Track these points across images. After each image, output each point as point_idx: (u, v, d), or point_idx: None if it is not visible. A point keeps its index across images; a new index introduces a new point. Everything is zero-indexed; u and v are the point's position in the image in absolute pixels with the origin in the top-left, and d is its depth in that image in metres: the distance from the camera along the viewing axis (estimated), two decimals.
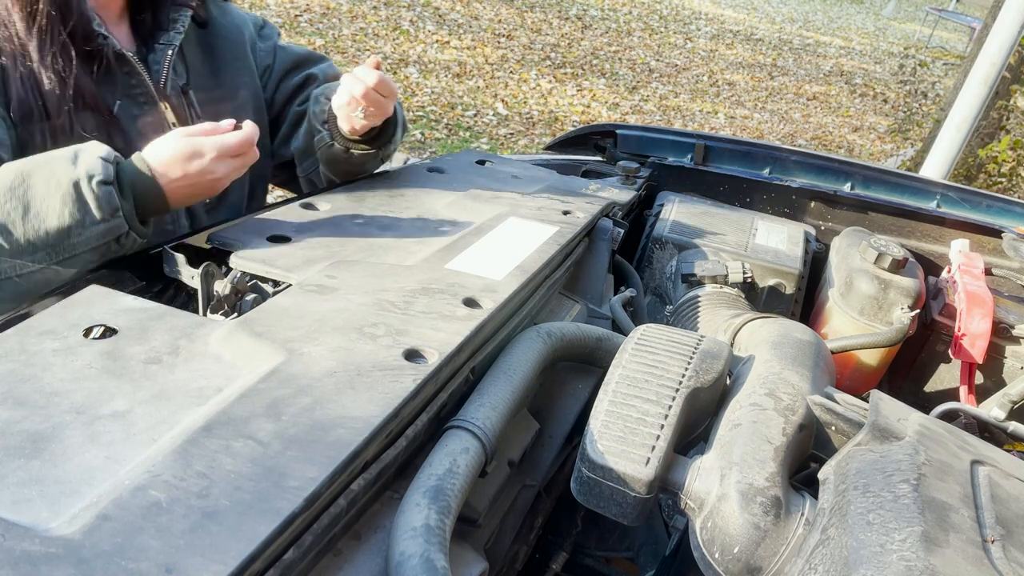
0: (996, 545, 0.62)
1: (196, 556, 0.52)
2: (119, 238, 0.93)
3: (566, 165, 1.82)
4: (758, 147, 1.87)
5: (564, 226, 1.22)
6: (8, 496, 0.56)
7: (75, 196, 0.88)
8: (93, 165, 0.90)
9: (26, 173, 0.89)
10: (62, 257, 0.90)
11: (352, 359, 0.77)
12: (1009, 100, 4.97)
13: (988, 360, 1.42)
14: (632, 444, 0.77)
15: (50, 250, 0.89)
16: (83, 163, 0.90)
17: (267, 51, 1.39)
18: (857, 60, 9.91)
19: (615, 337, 1.03)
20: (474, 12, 7.74)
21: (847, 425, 0.82)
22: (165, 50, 1.21)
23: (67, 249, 0.90)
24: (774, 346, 0.95)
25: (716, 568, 0.72)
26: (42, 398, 0.67)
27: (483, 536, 0.82)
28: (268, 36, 1.40)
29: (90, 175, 0.89)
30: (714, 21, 10.37)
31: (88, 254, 0.92)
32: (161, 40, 1.21)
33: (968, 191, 1.77)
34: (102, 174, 0.90)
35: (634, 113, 6.16)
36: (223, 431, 0.64)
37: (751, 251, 1.51)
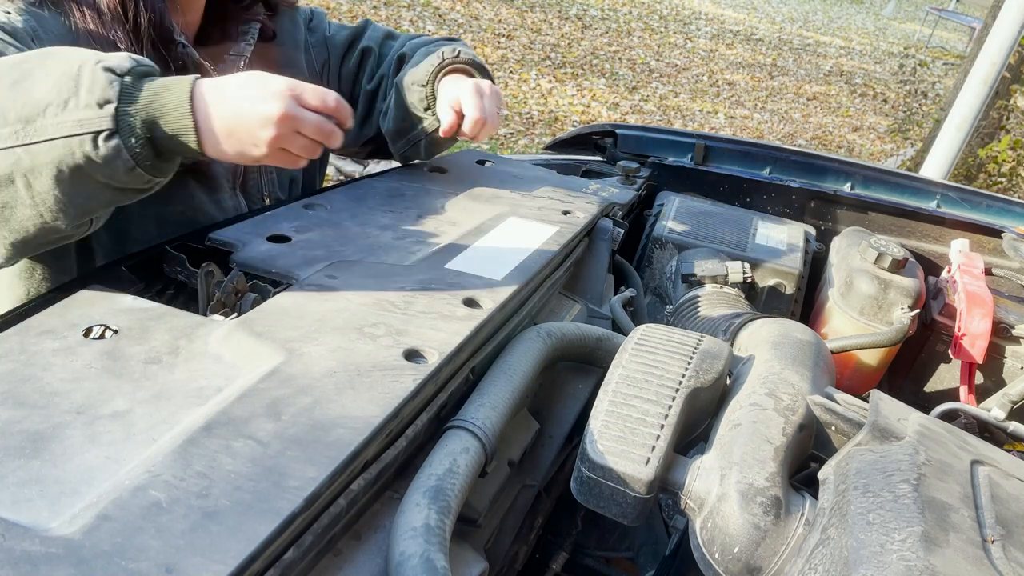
0: (996, 545, 0.62)
1: (196, 556, 0.52)
2: (96, 139, 0.74)
3: (566, 165, 1.82)
4: (758, 147, 1.87)
5: (564, 226, 1.22)
6: (8, 496, 0.56)
7: (74, 74, 0.74)
8: (115, 56, 0.76)
9: (49, 53, 0.78)
10: (29, 140, 0.73)
11: (352, 359, 0.77)
12: (1009, 100, 4.97)
13: (988, 360, 1.42)
14: (632, 444, 0.77)
15: (20, 125, 0.73)
16: (109, 55, 0.77)
17: (319, 45, 1.35)
18: (857, 60, 9.91)
19: (615, 337, 1.03)
20: (474, 12, 7.74)
21: (847, 425, 0.82)
22: (236, 61, 1.17)
23: (36, 131, 0.73)
24: (774, 346, 0.95)
25: (716, 568, 0.73)
26: (42, 398, 0.67)
27: (483, 536, 0.82)
28: (316, 28, 1.36)
29: (100, 59, 0.75)
30: (714, 21, 10.37)
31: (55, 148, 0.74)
32: (231, 52, 1.18)
33: (968, 191, 1.77)
34: (115, 63, 0.75)
35: (634, 113, 6.16)
36: (223, 431, 0.64)
37: (751, 251, 1.51)
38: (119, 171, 0.76)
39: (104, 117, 0.73)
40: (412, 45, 1.34)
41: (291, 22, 1.30)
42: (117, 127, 0.74)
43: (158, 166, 0.80)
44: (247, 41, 1.19)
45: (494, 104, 1.13)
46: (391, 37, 1.40)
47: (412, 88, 1.23)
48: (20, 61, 0.76)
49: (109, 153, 0.74)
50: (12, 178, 0.74)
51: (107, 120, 0.73)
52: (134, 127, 0.76)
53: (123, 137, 0.75)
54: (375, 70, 1.36)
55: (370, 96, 1.36)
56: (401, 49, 1.34)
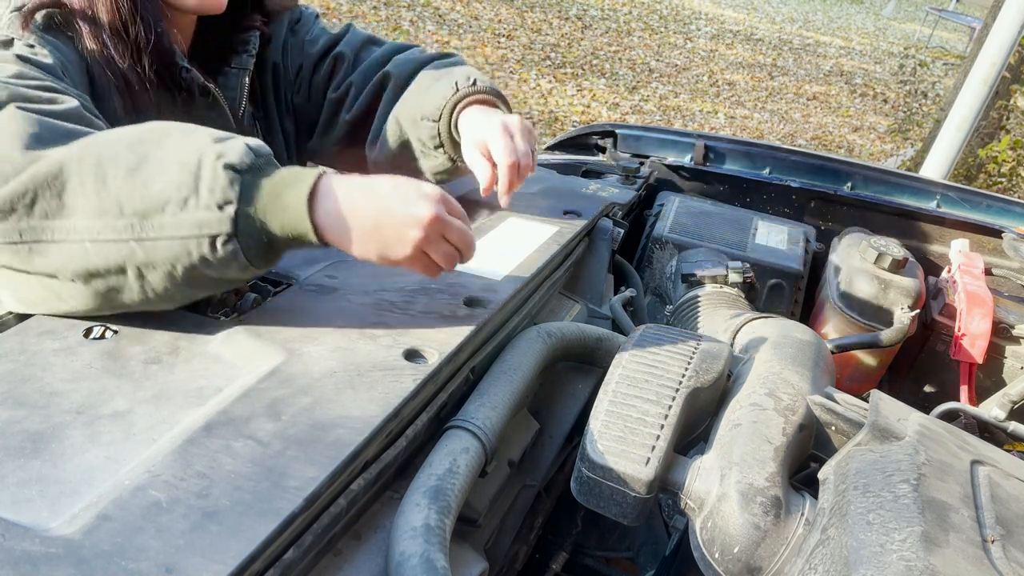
0: (996, 545, 0.62)
1: (196, 556, 0.52)
2: (215, 242, 0.71)
3: (566, 165, 1.82)
4: (758, 147, 1.87)
5: (564, 226, 1.22)
6: (8, 496, 0.56)
7: (194, 170, 0.71)
8: (233, 148, 0.73)
9: (165, 132, 0.74)
10: (146, 235, 0.70)
11: (352, 359, 0.77)
12: (1009, 100, 4.97)
13: (988, 360, 1.42)
14: (632, 444, 0.77)
15: (137, 219, 0.70)
16: (227, 143, 0.74)
17: (297, 49, 1.24)
18: (857, 60, 9.91)
19: (615, 337, 1.03)
20: (474, 12, 7.74)
21: (847, 425, 0.82)
22: (239, 76, 1.12)
23: (154, 227, 0.70)
24: (774, 346, 0.95)
25: (716, 568, 0.72)
26: (42, 398, 0.67)
27: (483, 536, 0.82)
28: (299, 31, 1.25)
29: (220, 155, 0.71)
30: (714, 21, 10.37)
31: (172, 247, 0.71)
32: (233, 64, 1.12)
33: (968, 191, 1.77)
34: (235, 158, 0.72)
35: (634, 113, 6.16)
36: (223, 431, 0.64)
37: (751, 251, 1.51)
38: (233, 269, 0.74)
39: (224, 220, 0.71)
40: (401, 64, 1.20)
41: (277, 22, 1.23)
42: (236, 230, 0.71)
43: (271, 260, 0.78)
44: (249, 52, 1.13)
45: (527, 143, 0.99)
46: (373, 43, 1.27)
47: (420, 124, 1.09)
48: (134, 141, 0.73)
49: (226, 255, 0.72)
50: (124, 269, 0.72)
51: (226, 223, 0.71)
52: (252, 229, 0.73)
53: (241, 240, 0.72)
54: (344, 77, 1.23)
55: (334, 104, 1.23)
56: (385, 66, 1.21)
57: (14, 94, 0.74)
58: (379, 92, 1.19)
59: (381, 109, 1.18)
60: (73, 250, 0.71)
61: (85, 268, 0.72)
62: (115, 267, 0.72)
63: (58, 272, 0.73)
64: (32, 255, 0.72)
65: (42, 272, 0.73)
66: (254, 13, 1.15)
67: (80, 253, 0.71)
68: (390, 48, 1.24)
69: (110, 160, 0.71)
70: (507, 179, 0.94)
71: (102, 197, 0.70)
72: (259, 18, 1.16)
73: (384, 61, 1.22)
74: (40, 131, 0.72)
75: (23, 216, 0.70)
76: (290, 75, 1.24)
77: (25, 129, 0.71)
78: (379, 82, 1.19)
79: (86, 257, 0.71)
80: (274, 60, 1.21)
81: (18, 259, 0.72)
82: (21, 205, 0.70)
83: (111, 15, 0.93)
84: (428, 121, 1.07)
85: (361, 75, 1.21)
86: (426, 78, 1.14)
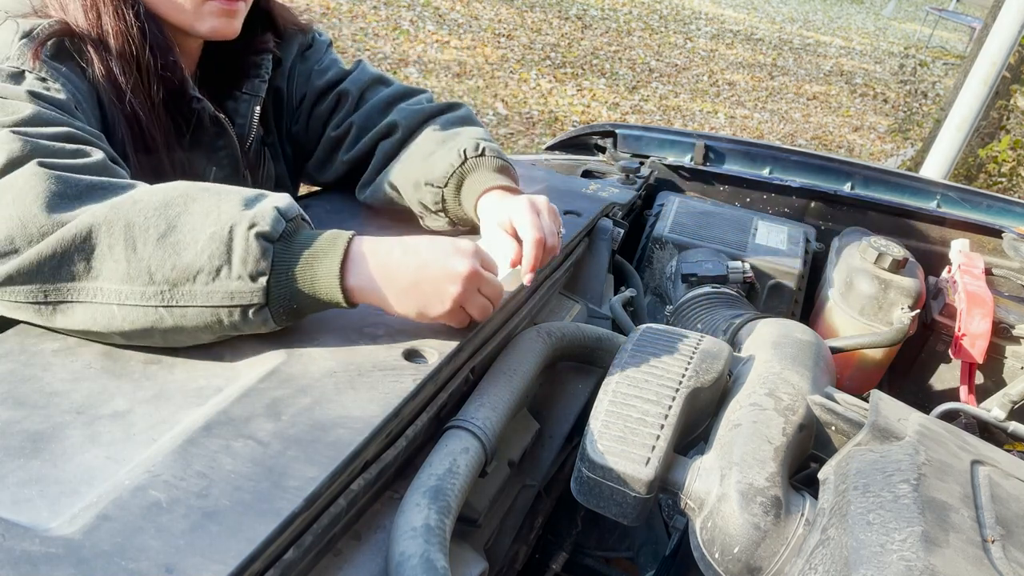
0: (996, 545, 0.62)
1: (196, 556, 0.52)
2: (247, 311, 0.72)
3: (566, 165, 1.82)
4: (758, 147, 1.87)
5: (564, 226, 1.22)
6: (8, 496, 0.56)
7: (226, 238, 0.71)
8: (264, 214, 0.73)
9: (192, 196, 0.74)
10: (175, 303, 0.71)
11: (352, 359, 0.77)
12: (1009, 100, 4.96)
13: (988, 360, 1.42)
14: (632, 444, 0.77)
15: (167, 287, 0.71)
16: (256, 208, 0.74)
17: (304, 76, 1.19)
18: (857, 60, 9.91)
19: (615, 337, 1.03)
20: (474, 12, 7.74)
21: (847, 425, 0.82)
22: (250, 102, 1.08)
23: (184, 295, 0.71)
24: (774, 346, 0.95)
25: (716, 568, 0.73)
26: (42, 398, 0.67)
27: (483, 536, 0.82)
28: (309, 58, 1.20)
29: (253, 223, 0.72)
30: (714, 21, 10.37)
31: (202, 315, 0.72)
32: (245, 89, 1.08)
33: (968, 191, 1.77)
34: (268, 226, 0.72)
35: (634, 113, 6.16)
36: (223, 431, 0.64)
37: (751, 251, 1.51)
38: (260, 329, 0.76)
39: (256, 291, 0.72)
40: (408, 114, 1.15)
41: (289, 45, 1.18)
42: (268, 300, 0.73)
43: (298, 319, 0.80)
44: (261, 77, 1.09)
45: (553, 223, 0.96)
46: (380, 83, 1.21)
47: (423, 188, 1.05)
48: (162, 204, 0.72)
49: (256, 321, 0.74)
50: (151, 333, 0.73)
51: (259, 294, 0.72)
52: (283, 298, 0.74)
53: (272, 308, 0.74)
54: (347, 116, 1.19)
55: (333, 142, 1.20)
56: (390, 112, 1.16)
57: (36, 148, 0.72)
58: (381, 139, 1.15)
59: (380, 157, 1.15)
60: (99, 311, 0.72)
61: (109, 329, 0.73)
62: (141, 330, 0.73)
63: (81, 330, 0.74)
64: (55, 314, 0.72)
65: (62, 329, 0.74)
66: (266, 34, 1.11)
67: (106, 315, 0.72)
68: (396, 92, 1.20)
69: (139, 226, 0.71)
70: (533, 254, 0.91)
71: (132, 263, 0.70)
72: (271, 39, 1.11)
73: (389, 105, 1.18)
74: (65, 189, 0.71)
75: (49, 277, 0.70)
76: (293, 102, 1.20)
77: (49, 188, 0.70)
78: (384, 130, 1.15)
79: (112, 320, 0.72)
80: (278, 84, 1.17)
81: (40, 318, 0.72)
82: (48, 267, 0.69)
83: (121, 42, 0.90)
84: (432, 187, 1.04)
85: (364, 116, 1.17)
86: (430, 140, 1.10)
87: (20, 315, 0.72)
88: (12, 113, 0.75)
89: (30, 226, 0.69)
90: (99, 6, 0.88)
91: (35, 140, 0.73)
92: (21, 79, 0.80)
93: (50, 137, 0.75)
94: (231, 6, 0.96)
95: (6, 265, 0.69)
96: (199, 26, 0.96)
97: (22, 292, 0.70)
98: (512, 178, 1.05)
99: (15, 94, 0.77)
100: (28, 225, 0.69)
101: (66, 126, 0.78)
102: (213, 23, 0.96)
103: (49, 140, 0.75)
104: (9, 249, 0.69)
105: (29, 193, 0.70)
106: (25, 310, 0.72)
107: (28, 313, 0.72)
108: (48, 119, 0.77)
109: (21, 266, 0.69)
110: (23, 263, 0.69)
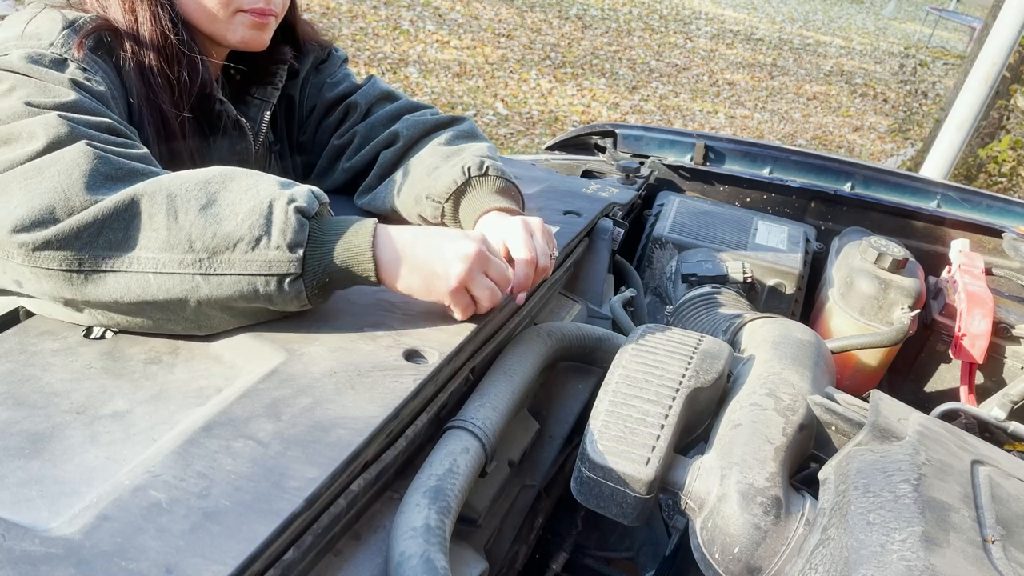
0: (996, 545, 0.62)
1: (196, 556, 0.52)
2: (283, 281, 0.75)
3: (566, 165, 1.82)
4: (758, 147, 1.87)
5: (564, 226, 1.22)
6: (8, 496, 0.56)
7: (266, 211, 0.74)
8: (300, 193, 0.77)
9: (231, 176, 0.77)
10: (213, 271, 0.73)
11: (352, 359, 0.77)
12: (1009, 100, 4.96)
13: (988, 360, 1.42)
14: (632, 444, 0.77)
15: (206, 255, 0.73)
16: (292, 188, 0.78)
17: (315, 88, 1.22)
18: (857, 60, 9.91)
19: (615, 337, 1.03)
20: (474, 12, 7.74)
21: (847, 425, 0.82)
22: (261, 108, 1.11)
23: (223, 263, 0.73)
24: (774, 346, 0.95)
25: (716, 568, 0.72)
26: (42, 398, 0.67)
27: (483, 536, 0.82)
28: (323, 71, 1.23)
29: (291, 199, 0.76)
30: (714, 21, 10.37)
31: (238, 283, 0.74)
32: (257, 95, 1.11)
33: (968, 191, 1.77)
34: (304, 203, 0.76)
35: (634, 113, 6.16)
36: (223, 431, 0.64)
37: (751, 251, 1.51)
38: (291, 304, 0.78)
39: (294, 261, 0.74)
40: (411, 125, 1.16)
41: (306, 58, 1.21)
42: (303, 271, 0.76)
43: (325, 297, 0.82)
44: (275, 85, 1.12)
45: (547, 243, 0.97)
46: (388, 99, 1.23)
47: (423, 202, 1.06)
48: (203, 181, 0.75)
49: (290, 292, 0.76)
50: (184, 301, 0.74)
51: (295, 264, 0.75)
52: (319, 271, 0.77)
53: (307, 280, 0.76)
54: (351, 127, 1.21)
55: (336, 150, 1.22)
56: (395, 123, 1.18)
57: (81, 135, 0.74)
58: (383, 149, 1.17)
59: (380, 166, 1.16)
60: (134, 280, 0.72)
61: (142, 299, 0.73)
62: (175, 299, 0.74)
63: (110, 301, 0.73)
64: (87, 283, 0.72)
65: (92, 300, 0.73)
66: (285, 47, 1.13)
67: (141, 284, 0.73)
68: (403, 106, 1.22)
69: (182, 197, 0.73)
70: (523, 273, 0.92)
71: (172, 232, 0.72)
72: (290, 52, 1.14)
73: (394, 117, 1.19)
74: (110, 170, 0.73)
75: (87, 245, 0.70)
76: (303, 112, 1.23)
77: (96, 167, 0.72)
78: (386, 140, 1.17)
79: (147, 288, 0.73)
80: (291, 93, 1.20)
81: (70, 287, 0.72)
82: (87, 234, 0.70)
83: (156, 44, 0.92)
84: (433, 201, 1.05)
85: (368, 127, 1.19)
86: (435, 155, 1.10)
87: (48, 283, 0.72)
88: (55, 96, 0.77)
89: (73, 199, 0.70)
90: (136, 10, 0.91)
91: (80, 127, 0.75)
92: (64, 66, 0.82)
93: (94, 126, 0.77)
94: (263, 20, 0.99)
95: (43, 232, 0.69)
96: (230, 36, 0.99)
97: (56, 259, 0.70)
98: (513, 198, 1.05)
99: (58, 79, 0.79)
100: (71, 198, 0.70)
101: (107, 118, 0.80)
102: (244, 34, 0.99)
103: (93, 129, 0.76)
104: (48, 218, 0.69)
105: (76, 169, 0.71)
106: (55, 278, 0.71)
107: (58, 282, 0.71)
108: (90, 108, 0.79)
109: (60, 232, 0.69)
110: (61, 230, 0.69)
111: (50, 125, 0.73)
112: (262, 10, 0.97)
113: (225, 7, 0.96)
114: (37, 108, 0.75)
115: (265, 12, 0.98)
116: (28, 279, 0.72)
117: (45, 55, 0.81)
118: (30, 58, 0.80)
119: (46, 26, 0.85)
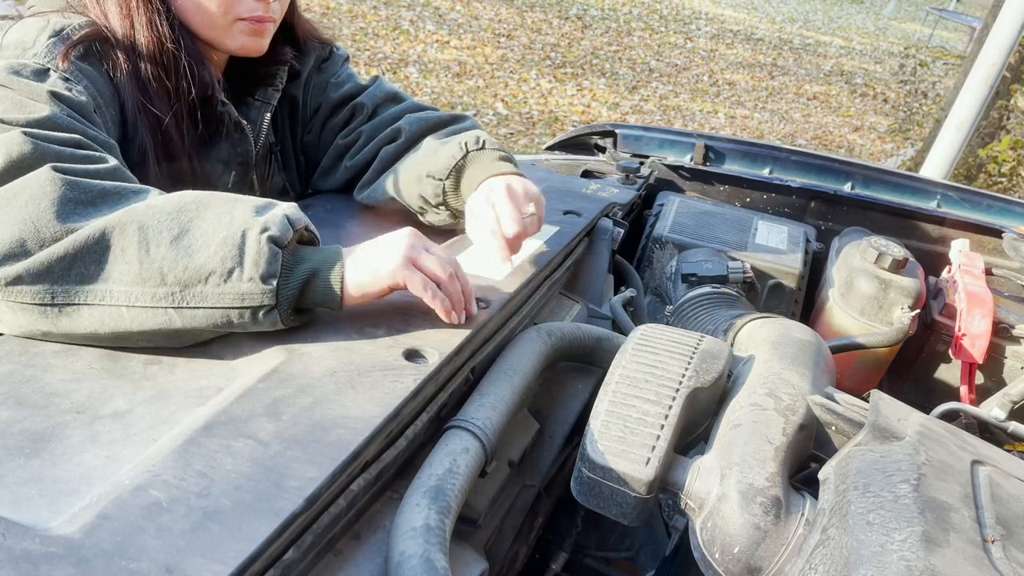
0: (996, 545, 0.62)
1: (196, 556, 0.52)
2: (257, 312, 0.74)
3: (566, 165, 1.82)
4: (758, 147, 1.87)
5: (564, 226, 1.22)
6: (8, 495, 0.56)
7: (238, 242, 0.73)
8: (274, 220, 0.76)
9: (204, 203, 0.76)
10: (185, 304, 0.72)
11: (352, 359, 0.77)
12: (1009, 100, 4.96)
13: (988, 360, 1.42)
14: (632, 444, 0.77)
15: (178, 288, 0.72)
16: (267, 214, 0.76)
17: (319, 88, 1.22)
18: (857, 60, 9.91)
19: (615, 337, 1.03)
20: (474, 12, 7.74)
21: (847, 425, 0.82)
22: (261, 109, 1.11)
23: (195, 297, 0.72)
24: (774, 346, 0.95)
25: (716, 568, 0.72)
26: (42, 398, 0.67)
27: (483, 536, 0.82)
28: (325, 70, 1.22)
29: (264, 228, 0.74)
30: (714, 21, 10.37)
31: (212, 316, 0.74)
32: (257, 96, 1.11)
33: (968, 191, 1.77)
34: (277, 231, 0.75)
35: (634, 113, 6.16)
36: (223, 431, 0.64)
37: (751, 251, 1.51)
38: (267, 328, 0.78)
39: (267, 293, 0.74)
40: (414, 121, 1.17)
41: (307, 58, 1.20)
42: (277, 301, 0.75)
43: (302, 319, 0.82)
44: (275, 86, 1.12)
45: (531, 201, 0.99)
46: (394, 100, 1.24)
47: (424, 181, 1.06)
48: (175, 210, 0.74)
49: (264, 322, 0.76)
50: (158, 333, 0.74)
51: (269, 296, 0.74)
52: (291, 300, 0.77)
53: (280, 310, 0.76)
54: (357, 126, 1.21)
55: (340, 149, 1.22)
56: (398, 122, 1.18)
57: (46, 153, 0.73)
58: (385, 145, 1.17)
59: (382, 160, 1.17)
60: (107, 314, 0.72)
61: (115, 332, 0.73)
62: (149, 332, 0.74)
63: (86, 333, 0.73)
64: (60, 317, 0.72)
65: (67, 333, 0.73)
66: (286, 47, 1.13)
67: (114, 317, 0.72)
68: (408, 106, 1.23)
69: (153, 228, 0.72)
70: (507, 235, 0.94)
71: (144, 265, 0.71)
72: (290, 52, 1.14)
73: (399, 116, 1.20)
74: (79, 195, 0.72)
75: (59, 279, 0.70)
76: (307, 112, 1.23)
77: (64, 194, 0.71)
78: (389, 136, 1.18)
79: (120, 321, 0.72)
80: (294, 93, 1.19)
81: (45, 320, 0.72)
82: (59, 268, 0.70)
83: (152, 50, 0.92)
84: (433, 179, 1.06)
85: (373, 127, 1.20)
86: (434, 142, 1.12)
87: (23, 317, 0.72)
88: (27, 112, 0.76)
89: (43, 230, 0.69)
90: (133, 16, 0.90)
91: (45, 144, 0.74)
92: (44, 77, 0.81)
93: (60, 142, 0.76)
94: (261, 26, 0.99)
95: (15, 266, 0.69)
96: (229, 43, 0.99)
97: (29, 293, 0.70)
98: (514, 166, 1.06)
99: (35, 92, 0.78)
100: (41, 229, 0.69)
101: (78, 133, 0.78)
102: (243, 41, 0.99)
103: (59, 145, 0.75)
104: (20, 251, 0.69)
105: (44, 198, 0.70)
106: (29, 312, 0.71)
107: (32, 315, 0.72)
108: (61, 124, 0.78)
109: (31, 267, 0.69)
110: (33, 264, 0.69)
111: (13, 143, 0.72)
112: (260, 17, 0.97)
113: (224, 15, 0.95)
114: (6, 124, 0.74)
115: (263, 19, 0.98)
116: (3, 312, 0.72)
117: (27, 65, 0.81)
118: (11, 69, 0.79)
119: (31, 34, 0.85)
